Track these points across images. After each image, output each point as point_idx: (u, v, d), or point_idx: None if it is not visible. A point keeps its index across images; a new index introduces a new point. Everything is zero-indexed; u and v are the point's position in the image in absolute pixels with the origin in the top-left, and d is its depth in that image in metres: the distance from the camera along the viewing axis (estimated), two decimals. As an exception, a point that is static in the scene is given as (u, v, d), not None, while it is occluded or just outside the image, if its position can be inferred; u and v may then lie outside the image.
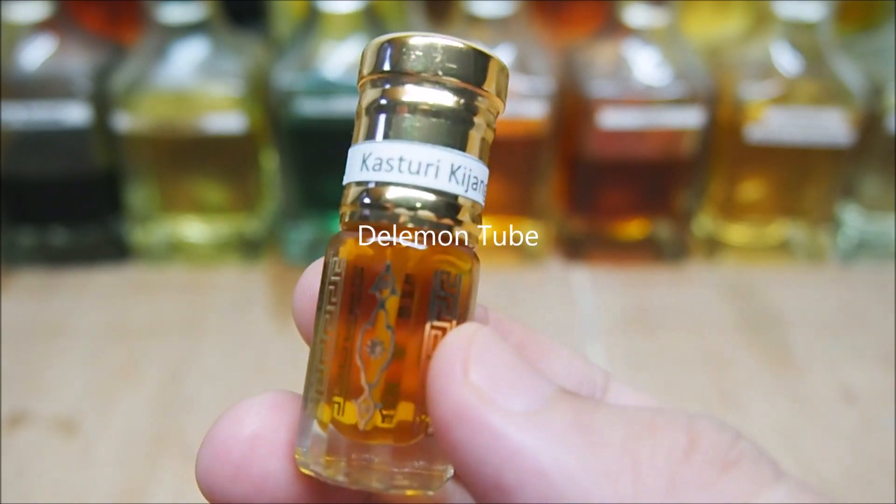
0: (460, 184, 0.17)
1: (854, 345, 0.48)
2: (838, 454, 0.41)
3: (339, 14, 0.48)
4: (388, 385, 0.16)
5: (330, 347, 0.16)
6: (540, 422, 0.14)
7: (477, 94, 0.17)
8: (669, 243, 0.55)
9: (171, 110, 0.50)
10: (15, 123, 0.49)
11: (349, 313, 0.16)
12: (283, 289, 0.52)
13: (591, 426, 0.14)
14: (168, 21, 0.48)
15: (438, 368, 0.15)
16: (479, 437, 0.14)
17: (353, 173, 0.17)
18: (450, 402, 0.15)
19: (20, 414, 0.43)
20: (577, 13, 0.60)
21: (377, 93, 0.17)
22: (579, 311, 0.51)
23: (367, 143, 0.17)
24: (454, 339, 0.15)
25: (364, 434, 0.16)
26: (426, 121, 0.17)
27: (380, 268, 0.16)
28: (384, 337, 0.16)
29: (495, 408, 0.14)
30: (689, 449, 0.14)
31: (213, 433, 0.17)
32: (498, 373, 0.15)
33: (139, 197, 0.52)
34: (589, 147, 0.51)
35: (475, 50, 0.17)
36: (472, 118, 0.17)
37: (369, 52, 0.17)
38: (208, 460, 0.17)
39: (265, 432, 0.17)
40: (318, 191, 0.52)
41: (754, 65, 0.51)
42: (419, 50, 0.16)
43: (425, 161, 0.16)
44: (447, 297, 0.16)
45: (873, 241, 0.54)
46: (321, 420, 0.16)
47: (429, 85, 0.17)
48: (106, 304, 0.51)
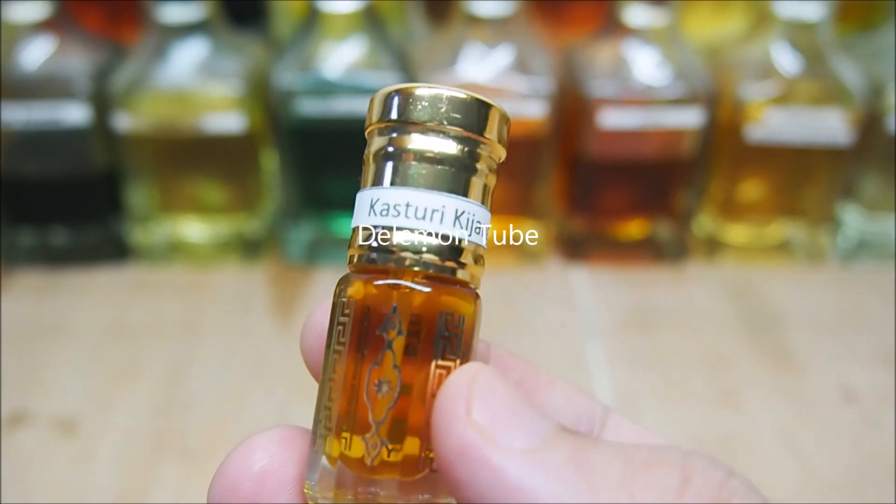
0: (464, 228, 0.18)
1: (854, 345, 0.48)
2: (838, 454, 0.41)
3: (339, 14, 0.48)
4: (395, 422, 0.17)
5: (339, 385, 0.17)
6: (539, 459, 0.15)
7: (479, 142, 0.18)
8: (669, 243, 0.55)
9: (171, 110, 0.50)
10: (15, 123, 0.49)
11: (357, 352, 0.17)
12: (283, 289, 0.52)
13: (588, 463, 0.15)
14: (168, 21, 0.49)
15: (442, 407, 0.16)
16: (481, 474, 0.15)
17: (362, 217, 0.18)
18: (453, 440, 0.15)
19: (20, 414, 0.43)
20: (577, 13, 0.60)
21: (384, 140, 0.18)
22: (579, 311, 0.51)
23: (374, 189, 0.18)
24: (457, 378, 0.16)
25: (371, 469, 0.17)
26: (431, 168, 0.17)
27: (387, 309, 0.17)
28: (391, 376, 0.17)
29: (496, 445, 0.15)
30: (682, 486, 0.14)
31: (225, 468, 0.18)
32: (499, 411, 0.15)
33: (139, 197, 0.52)
34: (589, 147, 0.51)
35: (478, 100, 0.18)
36: (474, 165, 0.18)
37: (377, 100, 0.18)
38: (220, 494, 0.18)
39: (274, 467, 0.18)
40: (318, 191, 0.52)
41: (754, 65, 0.51)
42: (425, 100, 0.17)
43: (431, 207, 0.17)
44: (451, 337, 0.17)
45: (873, 241, 0.54)
46: (330, 455, 0.17)
47: (434, 134, 0.17)
48: (106, 304, 0.51)
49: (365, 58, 0.49)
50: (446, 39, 0.52)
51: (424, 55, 0.52)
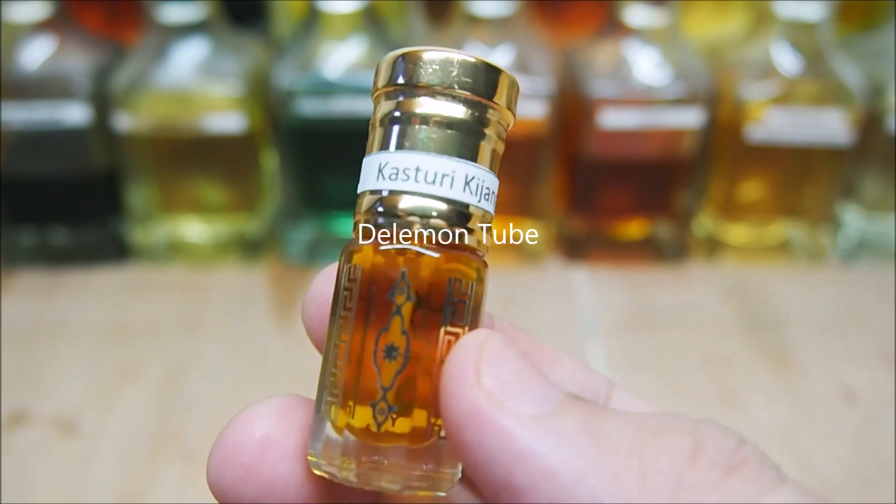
0: (474, 194, 0.17)
1: (854, 345, 0.48)
2: (838, 454, 0.41)
3: (339, 14, 0.48)
4: (403, 388, 0.17)
5: (344, 352, 0.17)
6: (550, 425, 0.15)
7: (489, 106, 0.18)
8: (669, 243, 0.55)
9: (171, 110, 0.50)
10: (15, 123, 0.49)
11: (364, 318, 0.17)
12: (284, 289, 0.52)
13: (599, 430, 0.15)
14: (168, 21, 0.49)
15: (451, 372, 0.16)
16: (491, 439, 0.15)
17: (369, 182, 0.18)
18: (462, 405, 0.15)
19: (20, 414, 0.43)
20: (577, 13, 0.60)
21: (392, 105, 0.18)
22: (579, 311, 0.51)
23: (381, 153, 0.17)
24: (466, 343, 0.16)
25: (377, 436, 0.17)
26: (441, 132, 0.17)
27: (395, 274, 0.17)
28: (399, 342, 0.17)
29: (506, 410, 0.15)
30: (695, 452, 0.14)
31: (224, 437, 0.18)
32: (509, 377, 0.15)
33: (139, 197, 0.52)
34: (589, 147, 0.51)
35: (487, 64, 0.17)
36: (483, 130, 0.18)
37: (384, 65, 0.18)
38: (219, 463, 0.17)
39: (275, 436, 0.18)
40: (318, 191, 0.52)
41: (754, 65, 0.51)
42: (435, 64, 0.17)
43: (441, 171, 0.17)
44: (460, 303, 0.17)
45: (873, 241, 0.54)
46: (335, 423, 0.17)
47: (443, 98, 0.17)
48: (106, 304, 0.51)
49: (365, 58, 0.49)
50: (446, 39, 0.52)
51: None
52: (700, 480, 0.14)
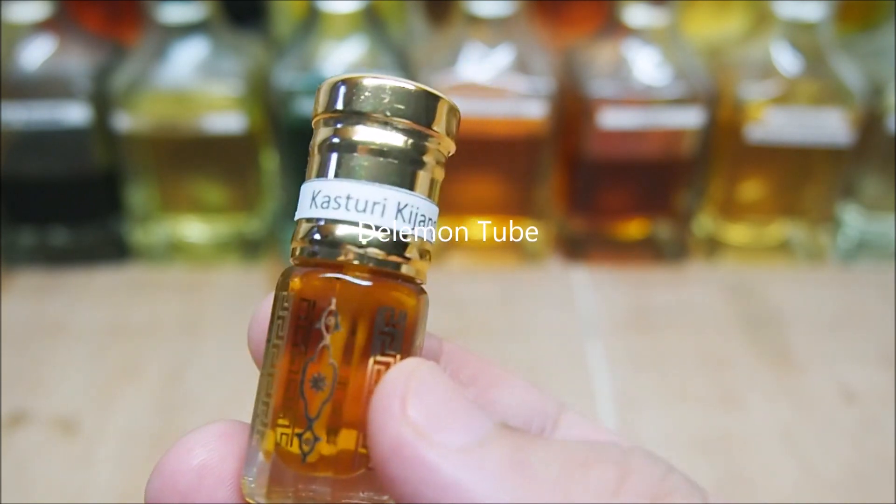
0: (406, 221, 0.17)
1: (854, 345, 0.48)
2: (838, 454, 0.41)
3: (339, 14, 0.48)
4: (331, 419, 0.16)
5: (276, 380, 0.17)
6: (476, 458, 0.14)
7: (426, 134, 0.17)
8: (669, 243, 0.55)
9: (171, 110, 0.50)
10: (15, 123, 0.49)
11: (294, 347, 0.17)
12: (283, 289, 0.52)
13: (526, 462, 0.14)
14: (168, 21, 0.48)
15: (377, 403, 0.15)
16: (415, 473, 0.14)
17: (304, 210, 0.18)
18: (387, 437, 0.15)
19: (20, 414, 0.43)
20: (577, 13, 0.60)
21: (329, 131, 0.18)
22: (579, 311, 0.51)
23: (317, 180, 0.17)
24: (394, 375, 0.16)
25: (307, 466, 0.16)
26: (374, 160, 0.17)
27: (325, 303, 0.17)
28: (327, 372, 0.16)
29: (431, 443, 0.15)
30: (620, 484, 0.14)
31: (162, 464, 0.17)
32: (436, 408, 0.15)
33: (139, 197, 0.52)
34: (589, 147, 0.51)
35: (424, 91, 0.17)
36: (420, 158, 0.17)
37: (323, 91, 0.18)
38: (156, 491, 0.17)
39: (212, 463, 0.17)
40: (318, 191, 0.52)
41: (754, 65, 0.51)
42: (369, 91, 0.17)
43: (371, 199, 0.17)
44: (391, 332, 0.17)
45: (873, 241, 0.54)
46: (266, 451, 0.17)
47: (378, 125, 0.17)
48: (106, 304, 0.51)
49: (365, 58, 0.49)
50: (446, 39, 0.52)
51: (424, 55, 0.52)
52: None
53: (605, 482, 0.14)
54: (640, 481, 0.14)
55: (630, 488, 0.14)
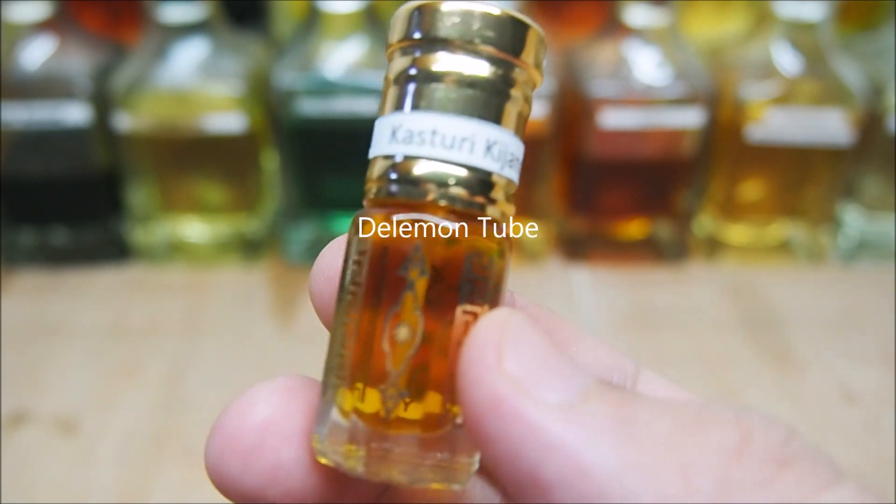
0: (496, 160, 0.16)
1: (854, 345, 0.48)
2: (839, 454, 0.41)
3: (339, 14, 0.48)
4: (415, 372, 0.15)
5: (352, 332, 0.16)
6: (579, 414, 0.13)
7: (515, 64, 0.16)
8: (669, 243, 0.55)
9: (172, 110, 0.50)
10: (15, 123, 0.49)
11: (374, 296, 0.15)
12: (284, 289, 0.52)
13: (634, 420, 0.13)
14: (168, 21, 0.48)
15: (470, 356, 0.14)
16: (515, 430, 0.13)
17: (381, 146, 0.16)
18: (483, 393, 0.14)
19: (20, 414, 0.43)
20: (577, 13, 0.60)
21: (407, 61, 0.16)
22: (579, 311, 0.51)
23: (395, 114, 0.16)
24: (487, 324, 0.15)
25: (387, 423, 0.15)
26: (461, 92, 0.16)
27: (408, 248, 0.15)
28: (412, 321, 0.15)
29: (531, 399, 0.14)
30: (741, 446, 0.13)
31: (223, 421, 0.16)
32: (533, 362, 0.14)
33: (139, 197, 0.52)
34: (589, 147, 0.51)
35: (513, 18, 0.16)
36: (508, 90, 0.16)
37: (399, 18, 0.16)
38: (217, 451, 0.16)
39: (277, 419, 0.16)
40: (318, 191, 0.52)
41: (754, 65, 0.51)
42: (455, 16, 0.15)
43: (460, 135, 0.15)
44: (479, 280, 0.15)
45: (873, 241, 0.54)
46: (342, 407, 0.15)
47: (464, 53, 0.16)
48: (106, 304, 0.51)
49: (365, 58, 0.49)
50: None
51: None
52: (748, 478, 0.13)
53: (725, 444, 0.13)
54: (763, 444, 0.13)
55: (752, 451, 0.13)
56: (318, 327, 0.22)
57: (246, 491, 0.16)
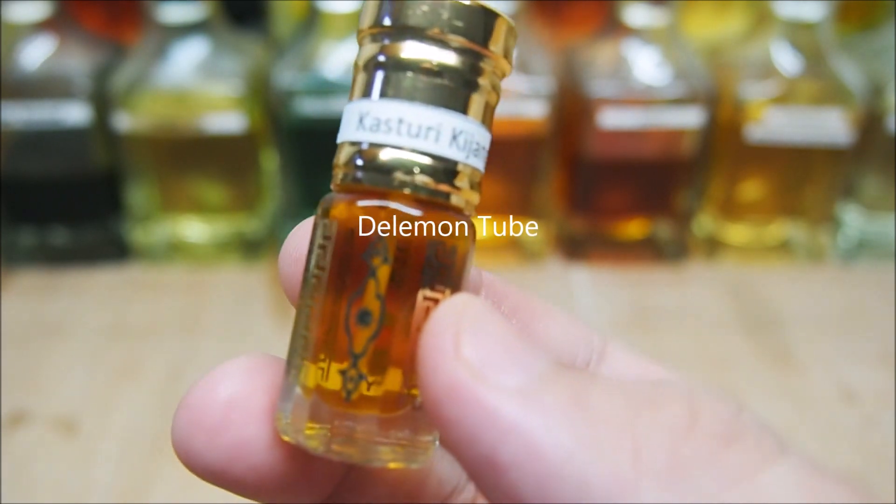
0: (461, 149, 0.16)
1: (854, 345, 0.48)
2: (838, 454, 0.41)
3: (339, 14, 0.48)
4: (376, 356, 0.16)
5: (316, 314, 0.16)
6: (535, 398, 0.14)
7: (483, 54, 0.16)
8: (669, 243, 0.55)
9: (171, 110, 0.50)
10: (15, 123, 0.49)
11: (337, 279, 0.16)
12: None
13: (588, 402, 0.14)
14: (168, 21, 0.48)
15: (429, 343, 0.14)
16: (472, 415, 0.14)
17: (349, 132, 0.16)
18: (441, 378, 0.14)
19: (20, 414, 0.43)
20: (577, 13, 0.60)
21: (376, 48, 0.16)
22: (579, 311, 0.51)
23: (363, 100, 0.16)
24: (445, 311, 0.15)
25: (349, 403, 0.16)
26: (428, 81, 0.16)
27: (372, 234, 0.16)
28: (374, 306, 0.16)
29: (488, 384, 0.14)
30: (690, 423, 0.14)
31: (188, 399, 0.16)
32: (491, 346, 0.14)
33: (139, 197, 0.52)
34: (589, 147, 0.51)
35: (482, 7, 0.16)
36: (476, 80, 0.16)
37: (370, 4, 0.16)
38: (183, 427, 0.16)
39: (241, 397, 0.16)
40: (318, 191, 0.52)
41: (754, 65, 0.51)
42: (424, 5, 0.16)
43: (426, 124, 0.16)
44: (441, 267, 0.16)
45: (873, 241, 0.54)
46: (305, 386, 0.16)
47: (432, 42, 0.16)
48: (106, 304, 0.51)
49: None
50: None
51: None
52: (696, 454, 0.13)
53: (675, 421, 0.14)
54: (711, 420, 0.14)
55: (700, 428, 0.14)
56: None
57: (211, 466, 0.16)
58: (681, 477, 0.13)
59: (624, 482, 0.13)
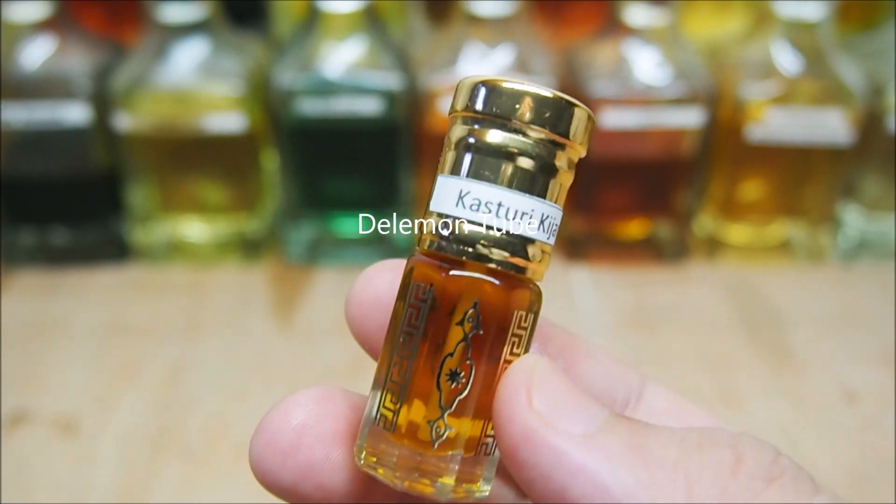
0: (545, 231, 0.18)
1: (854, 345, 0.48)
2: (838, 454, 0.41)
3: (339, 14, 0.48)
4: (463, 410, 0.17)
5: (407, 367, 0.18)
6: (599, 443, 0.16)
7: (563, 144, 0.18)
8: (669, 243, 0.55)
9: (171, 110, 0.50)
10: (15, 123, 0.49)
11: (430, 339, 0.17)
12: (284, 289, 0.52)
13: (645, 446, 0.16)
14: (168, 21, 0.49)
15: (505, 396, 0.17)
16: (545, 457, 0.16)
17: (446, 205, 0.18)
18: (517, 426, 0.16)
19: (20, 414, 0.43)
20: (577, 13, 0.60)
21: (466, 130, 0.18)
22: (579, 311, 0.51)
23: (460, 179, 0.18)
24: (518, 368, 0.17)
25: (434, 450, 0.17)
26: (518, 169, 0.18)
27: (467, 303, 0.17)
28: (463, 368, 0.17)
29: (557, 431, 0.16)
30: (736, 465, 0.15)
31: (265, 423, 0.19)
32: (558, 399, 0.17)
33: (139, 197, 0.52)
34: (589, 147, 0.51)
35: (564, 100, 0.18)
36: (557, 166, 0.18)
37: (464, 88, 0.18)
38: (260, 448, 0.19)
39: (311, 422, 0.19)
40: (318, 191, 0.52)
41: (754, 65, 0.51)
42: (512, 97, 0.17)
43: (521, 210, 0.18)
44: (521, 333, 0.18)
45: (873, 241, 0.54)
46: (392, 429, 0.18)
47: (518, 133, 0.17)
48: (106, 304, 0.51)
49: (365, 58, 0.49)
50: (446, 39, 0.52)
51: (424, 55, 0.52)
52: (742, 491, 0.15)
53: (722, 463, 0.15)
54: (754, 462, 0.15)
55: (745, 469, 0.15)
56: (317, 328, 0.22)
57: (283, 484, 0.19)
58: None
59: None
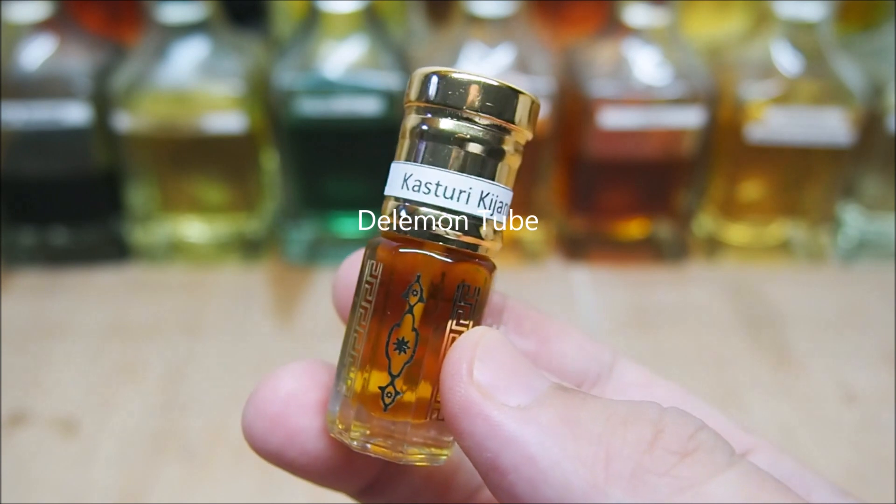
0: (487, 208, 0.19)
1: (854, 345, 0.48)
2: (838, 454, 0.41)
3: (339, 14, 0.48)
4: (410, 375, 0.19)
5: (362, 338, 0.19)
6: (532, 415, 0.17)
7: (509, 129, 0.19)
8: (669, 243, 0.55)
9: (171, 110, 0.50)
10: (15, 123, 0.49)
11: (381, 312, 0.19)
12: (284, 289, 0.52)
13: (574, 419, 0.17)
14: (168, 21, 0.49)
15: (448, 368, 0.18)
16: (481, 428, 0.17)
17: (395, 188, 0.20)
18: (457, 397, 0.17)
19: (20, 414, 0.43)
20: (577, 13, 0.60)
21: (419, 119, 0.19)
22: (579, 311, 0.51)
23: (408, 164, 0.19)
24: (463, 341, 0.18)
25: (386, 412, 0.19)
26: (461, 152, 0.19)
27: (411, 277, 0.19)
28: (409, 337, 0.19)
29: (494, 402, 0.17)
30: (654, 439, 0.16)
31: (255, 393, 0.20)
32: (498, 371, 0.18)
33: (139, 197, 0.52)
34: (589, 147, 0.51)
35: (509, 88, 0.19)
36: (502, 149, 0.20)
37: (416, 79, 0.20)
38: (250, 415, 0.20)
39: (298, 392, 0.20)
40: (318, 191, 0.52)
41: (754, 65, 0.51)
42: (459, 86, 0.19)
43: (458, 188, 0.19)
44: (466, 305, 0.19)
45: (873, 241, 0.54)
46: (351, 395, 0.19)
47: (465, 120, 0.19)
48: (106, 304, 0.51)
49: (365, 58, 0.49)
50: (446, 39, 0.52)
51: (424, 55, 0.52)
52: (655, 465, 0.16)
53: (641, 438, 0.16)
54: (672, 437, 0.16)
55: (662, 443, 0.16)
56: (317, 327, 0.23)
57: (271, 449, 0.20)
58: (641, 483, 0.16)
59: (596, 486, 0.16)
